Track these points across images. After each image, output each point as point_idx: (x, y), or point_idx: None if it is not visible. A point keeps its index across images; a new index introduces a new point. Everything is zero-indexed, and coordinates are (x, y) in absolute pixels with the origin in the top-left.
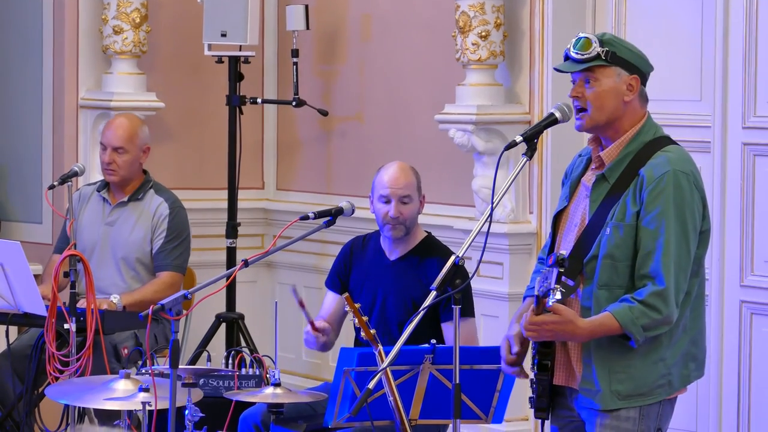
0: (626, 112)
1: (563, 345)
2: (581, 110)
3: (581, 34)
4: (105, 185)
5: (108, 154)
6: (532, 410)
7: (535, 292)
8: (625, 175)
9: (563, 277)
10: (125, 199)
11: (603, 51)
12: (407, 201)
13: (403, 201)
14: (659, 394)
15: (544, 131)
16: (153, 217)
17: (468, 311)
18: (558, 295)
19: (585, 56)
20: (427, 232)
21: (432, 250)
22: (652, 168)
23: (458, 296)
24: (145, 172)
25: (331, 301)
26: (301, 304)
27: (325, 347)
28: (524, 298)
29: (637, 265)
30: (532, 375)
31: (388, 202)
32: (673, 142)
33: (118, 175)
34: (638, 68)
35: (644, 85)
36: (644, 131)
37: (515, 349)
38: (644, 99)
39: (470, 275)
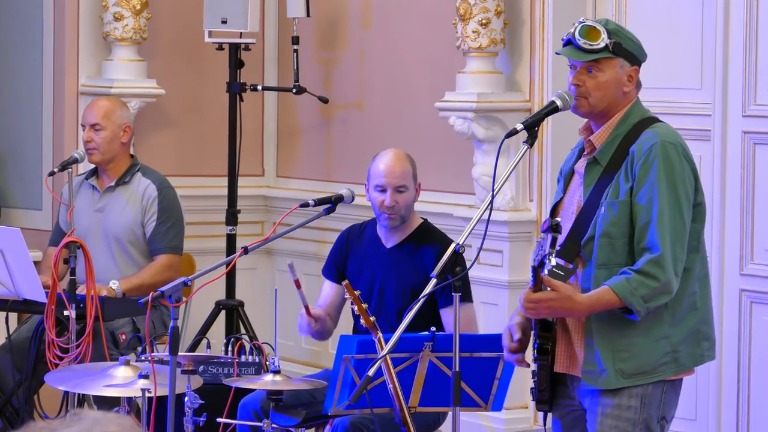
0: (622, 100)
1: (564, 330)
2: (581, 96)
3: (587, 21)
4: (93, 173)
5: (86, 133)
6: (534, 402)
7: (531, 264)
8: (616, 156)
9: (560, 260)
10: (113, 183)
11: (610, 42)
12: (403, 190)
13: (399, 190)
14: (664, 372)
15: (545, 119)
16: (142, 200)
17: (466, 297)
18: (553, 260)
19: (593, 47)
20: (422, 218)
21: (428, 237)
22: (641, 144)
23: (458, 284)
24: (132, 156)
25: (328, 290)
26: (298, 285)
27: (321, 335)
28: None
29: (636, 240)
30: (533, 364)
31: (383, 191)
32: (660, 121)
33: (99, 154)
34: (638, 59)
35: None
36: (632, 113)
37: (517, 336)
38: (639, 87)
39: (470, 263)
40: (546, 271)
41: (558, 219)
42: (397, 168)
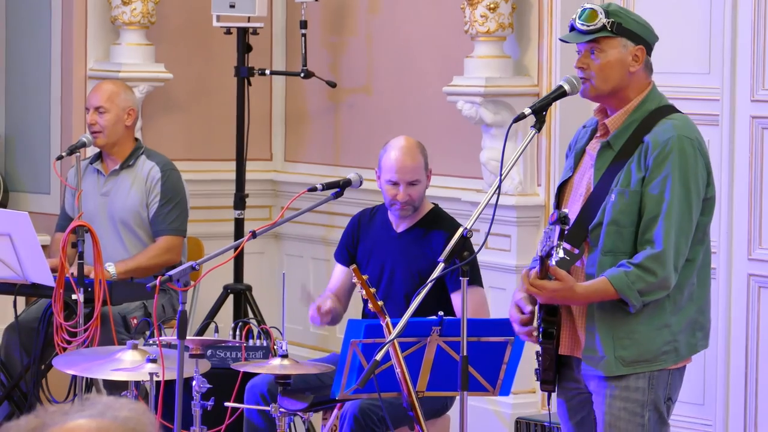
0: (631, 82)
1: (569, 314)
2: (586, 80)
3: (586, 5)
4: (97, 157)
5: (90, 115)
6: (538, 383)
7: (539, 253)
8: (630, 143)
9: (567, 244)
10: (117, 167)
11: (608, 22)
12: (416, 183)
13: (412, 184)
14: (665, 361)
15: (553, 104)
16: (146, 182)
17: (476, 280)
18: (561, 253)
19: (590, 27)
20: (433, 203)
21: (438, 223)
22: (657, 134)
23: (466, 268)
24: (136, 139)
25: (339, 273)
26: (309, 299)
27: (333, 322)
28: (529, 269)
29: (641, 231)
30: (538, 347)
31: (396, 184)
32: (678, 111)
33: (103, 137)
34: (644, 39)
35: (649, 55)
36: (649, 100)
37: (527, 308)
38: (649, 69)
39: (479, 247)
40: (553, 262)
41: (566, 210)
42: (409, 162)
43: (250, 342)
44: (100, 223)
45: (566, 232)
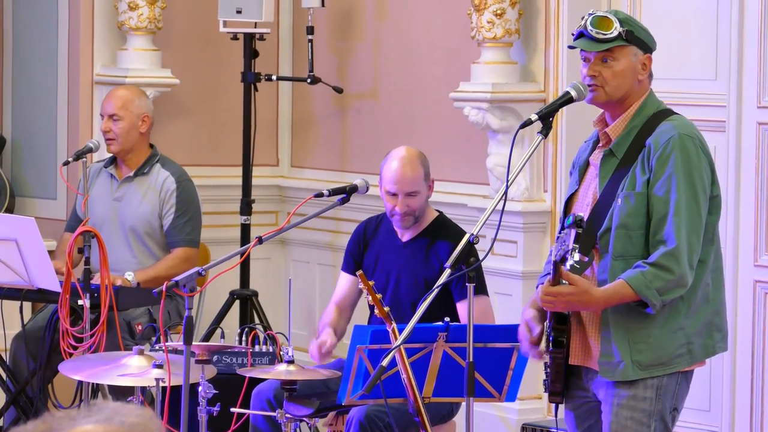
0: (638, 89)
1: (579, 322)
2: (598, 86)
3: (597, 12)
4: (112, 161)
5: (104, 123)
6: (546, 394)
7: (553, 258)
8: (632, 149)
9: (580, 254)
10: (131, 174)
11: (623, 31)
12: (414, 194)
13: (410, 195)
14: (679, 364)
15: (560, 110)
16: (160, 192)
17: (481, 289)
18: (576, 256)
19: (606, 36)
20: (438, 211)
21: (442, 232)
22: (658, 136)
23: (472, 274)
24: (152, 146)
25: (345, 282)
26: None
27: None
28: (537, 286)
29: (651, 233)
30: (546, 357)
31: (394, 195)
32: (676, 113)
33: (117, 144)
34: (650, 47)
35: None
36: (647, 105)
37: (537, 330)
38: (650, 77)
39: (485, 253)
40: (568, 267)
41: (581, 214)
42: (408, 173)
43: (256, 348)
44: (109, 228)
45: (580, 256)
